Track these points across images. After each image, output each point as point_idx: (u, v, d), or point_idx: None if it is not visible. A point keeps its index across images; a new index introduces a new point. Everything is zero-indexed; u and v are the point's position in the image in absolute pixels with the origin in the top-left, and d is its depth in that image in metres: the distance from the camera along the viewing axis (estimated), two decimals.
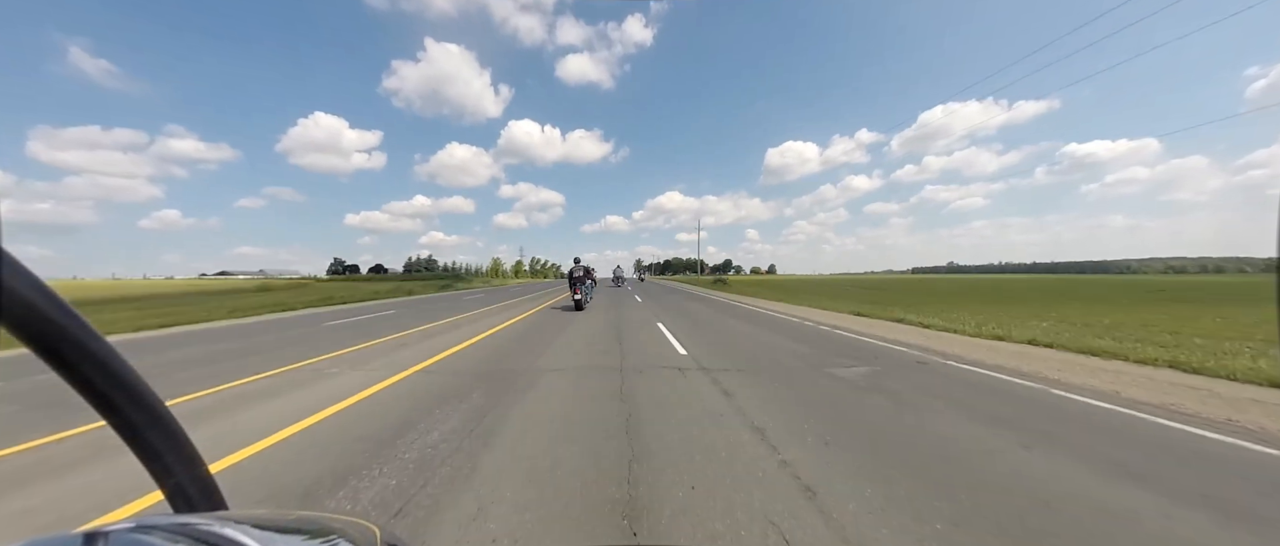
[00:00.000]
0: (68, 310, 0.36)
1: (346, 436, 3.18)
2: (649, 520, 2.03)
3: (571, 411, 3.66)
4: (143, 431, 0.43)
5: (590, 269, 16.24)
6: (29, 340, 0.34)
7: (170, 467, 0.45)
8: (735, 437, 3.03)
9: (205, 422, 3.56)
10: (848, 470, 2.54)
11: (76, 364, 0.37)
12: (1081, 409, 3.76)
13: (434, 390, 4.39)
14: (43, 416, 3.75)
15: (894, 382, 4.58)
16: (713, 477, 2.44)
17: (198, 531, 0.37)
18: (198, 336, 8.98)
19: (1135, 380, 4.68)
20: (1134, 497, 2.26)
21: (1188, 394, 4.16)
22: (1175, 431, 3.23)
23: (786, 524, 1.99)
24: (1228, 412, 3.60)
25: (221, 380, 4.94)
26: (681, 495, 2.25)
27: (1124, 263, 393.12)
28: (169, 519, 0.38)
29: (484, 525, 2.02)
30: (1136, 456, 2.77)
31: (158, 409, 0.44)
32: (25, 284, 0.33)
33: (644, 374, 4.97)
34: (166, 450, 0.45)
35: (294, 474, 2.60)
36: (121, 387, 0.40)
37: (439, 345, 7.19)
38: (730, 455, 2.74)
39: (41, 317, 0.34)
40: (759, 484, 2.37)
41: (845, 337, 7.83)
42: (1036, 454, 2.79)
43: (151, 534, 0.34)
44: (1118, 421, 3.45)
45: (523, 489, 2.35)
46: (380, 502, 2.25)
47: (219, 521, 0.39)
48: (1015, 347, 6.65)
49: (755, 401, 3.89)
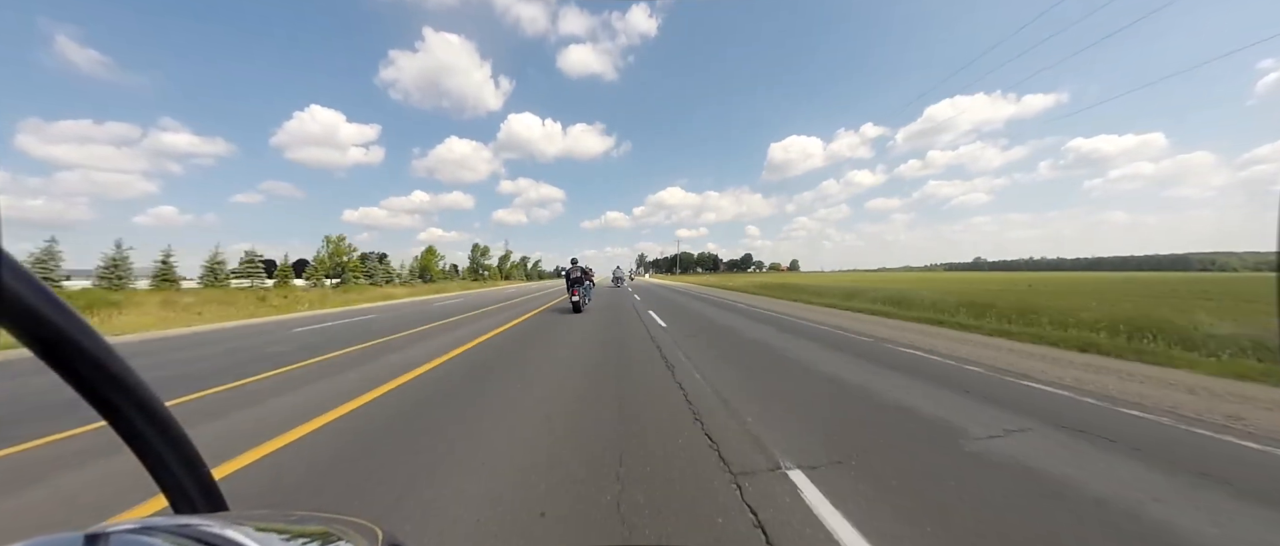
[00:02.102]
0: (67, 310, 0.35)
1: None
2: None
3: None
4: (143, 432, 0.43)
5: (588, 270, 15.96)
6: (29, 340, 0.34)
7: (171, 468, 0.46)
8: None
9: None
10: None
11: (76, 364, 0.37)
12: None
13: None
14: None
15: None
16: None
17: (199, 532, 0.36)
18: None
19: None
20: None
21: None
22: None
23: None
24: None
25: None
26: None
27: (1196, 257, 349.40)
28: (170, 520, 0.38)
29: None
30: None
31: (158, 410, 0.44)
32: (25, 284, 0.33)
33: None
34: (167, 451, 0.45)
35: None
36: (122, 388, 0.40)
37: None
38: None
39: (41, 318, 0.34)
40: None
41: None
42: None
43: (153, 535, 0.34)
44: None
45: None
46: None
47: (220, 522, 0.39)
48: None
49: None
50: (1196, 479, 2.54)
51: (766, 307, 14.38)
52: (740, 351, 6.55)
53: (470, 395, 4.28)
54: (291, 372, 5.50)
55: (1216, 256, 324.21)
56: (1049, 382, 4.64)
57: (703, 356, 6.08)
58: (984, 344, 7.10)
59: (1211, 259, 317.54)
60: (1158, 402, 3.97)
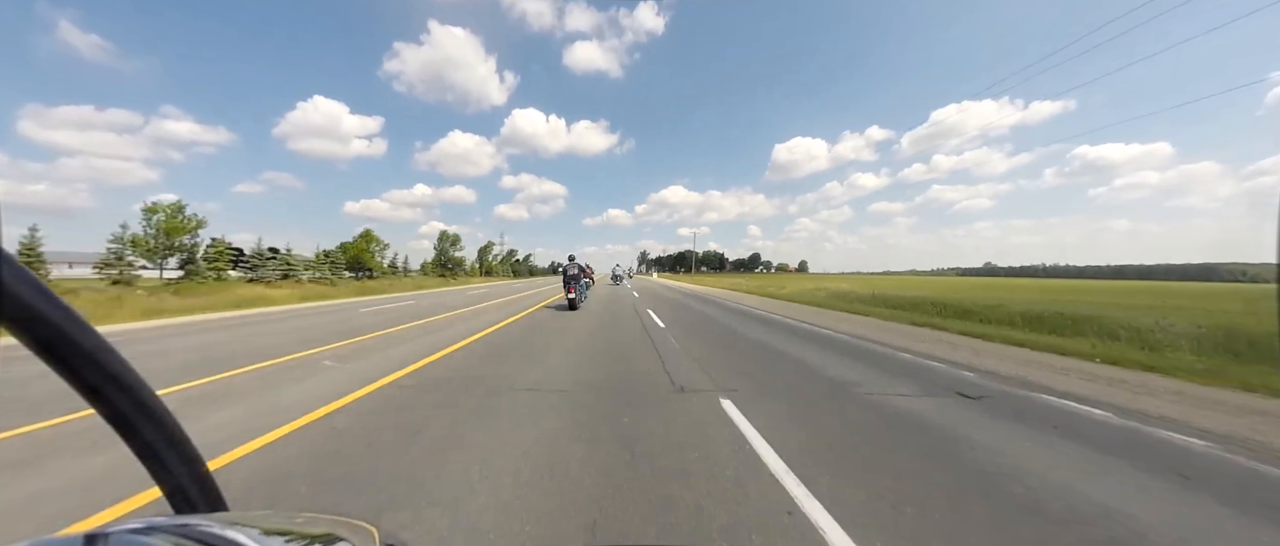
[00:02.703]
0: (66, 309, 0.35)
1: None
2: None
3: None
4: (142, 430, 0.43)
5: (585, 267, 15.68)
6: (27, 338, 0.34)
7: (170, 467, 0.45)
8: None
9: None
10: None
11: (74, 362, 0.37)
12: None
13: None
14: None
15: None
16: None
17: (197, 532, 0.36)
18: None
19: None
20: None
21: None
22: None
23: None
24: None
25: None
26: None
27: (1223, 267, 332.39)
28: (169, 519, 0.39)
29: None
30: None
31: (157, 408, 0.44)
32: (24, 282, 0.33)
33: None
34: (166, 450, 0.45)
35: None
36: (120, 386, 0.40)
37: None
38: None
39: (39, 316, 0.34)
40: None
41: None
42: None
43: (152, 534, 0.34)
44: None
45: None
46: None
47: (219, 522, 0.39)
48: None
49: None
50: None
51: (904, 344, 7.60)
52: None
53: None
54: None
55: (1246, 267, 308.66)
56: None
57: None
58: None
59: (1242, 269, 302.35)
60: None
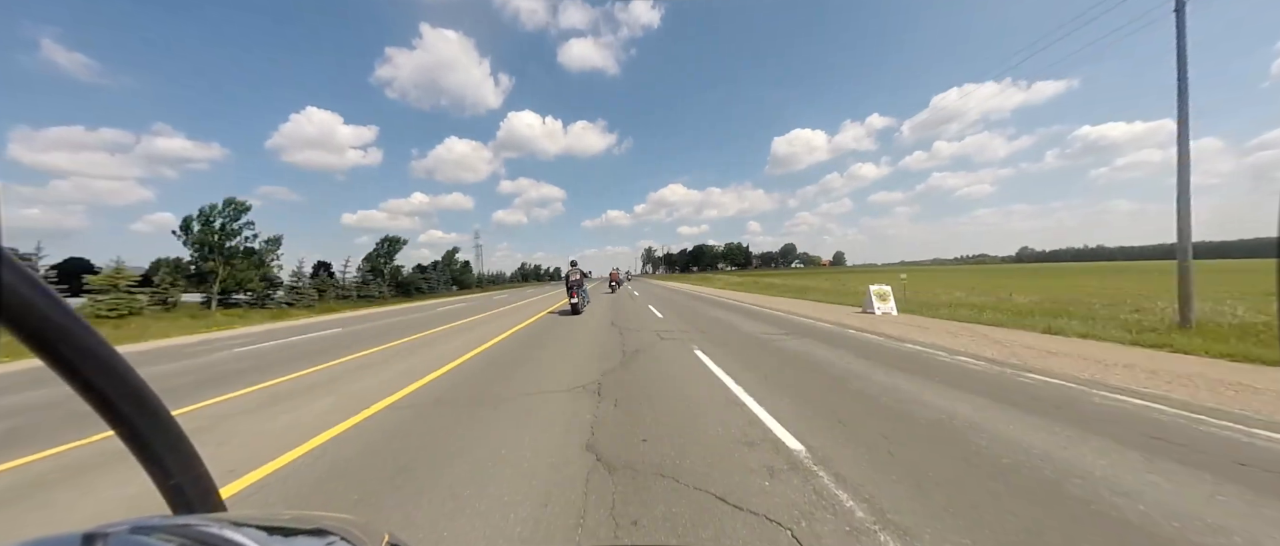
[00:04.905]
0: (67, 310, 0.35)
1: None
2: None
3: None
4: (142, 432, 0.43)
5: (586, 273, 17.08)
6: (28, 340, 0.34)
7: (169, 468, 0.45)
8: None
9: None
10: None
11: (75, 364, 0.37)
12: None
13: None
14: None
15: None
16: None
17: (196, 532, 0.36)
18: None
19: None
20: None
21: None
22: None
23: None
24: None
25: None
26: None
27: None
28: (168, 520, 0.38)
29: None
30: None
31: (157, 410, 0.44)
32: (25, 283, 0.33)
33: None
34: (165, 451, 0.45)
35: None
36: (120, 388, 0.40)
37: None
38: None
39: (41, 317, 0.34)
40: None
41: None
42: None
43: (150, 535, 0.34)
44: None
45: None
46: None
47: (217, 523, 0.39)
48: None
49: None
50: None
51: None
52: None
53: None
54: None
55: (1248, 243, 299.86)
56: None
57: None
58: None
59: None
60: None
